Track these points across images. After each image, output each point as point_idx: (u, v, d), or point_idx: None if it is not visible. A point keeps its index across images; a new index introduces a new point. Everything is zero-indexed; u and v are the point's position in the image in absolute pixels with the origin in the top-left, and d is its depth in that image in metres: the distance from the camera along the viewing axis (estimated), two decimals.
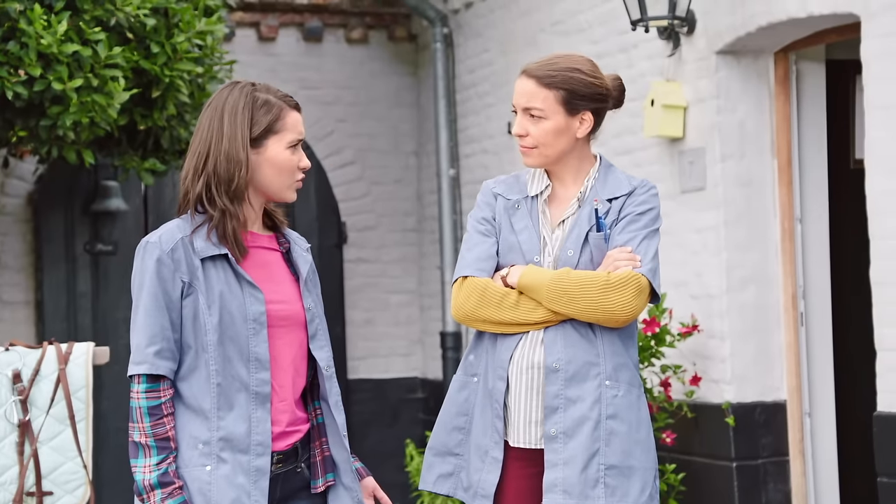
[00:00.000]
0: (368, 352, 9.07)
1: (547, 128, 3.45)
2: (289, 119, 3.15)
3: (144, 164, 6.63)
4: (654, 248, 3.46)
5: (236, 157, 3.10)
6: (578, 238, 3.46)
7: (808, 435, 6.17)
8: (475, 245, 3.55)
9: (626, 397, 3.43)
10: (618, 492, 3.39)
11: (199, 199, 3.12)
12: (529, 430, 3.46)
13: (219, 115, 3.13)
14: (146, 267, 3.08)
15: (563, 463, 3.39)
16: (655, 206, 3.50)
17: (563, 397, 3.41)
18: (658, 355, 6.12)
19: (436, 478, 3.57)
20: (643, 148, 6.60)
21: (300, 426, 3.20)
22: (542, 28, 7.50)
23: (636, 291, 3.39)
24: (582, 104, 3.47)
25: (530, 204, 3.54)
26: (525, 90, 3.47)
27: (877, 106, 5.32)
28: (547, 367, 3.42)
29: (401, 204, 9.15)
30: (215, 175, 3.10)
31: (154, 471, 3.03)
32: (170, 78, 6.20)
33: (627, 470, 3.41)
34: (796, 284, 6.17)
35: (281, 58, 8.88)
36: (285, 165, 3.15)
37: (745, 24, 5.93)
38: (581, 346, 3.42)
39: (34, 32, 5.67)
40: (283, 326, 3.16)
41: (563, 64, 3.48)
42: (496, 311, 3.46)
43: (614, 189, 3.50)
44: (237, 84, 3.18)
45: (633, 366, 3.49)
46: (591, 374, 3.42)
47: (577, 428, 3.39)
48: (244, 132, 3.11)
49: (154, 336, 3.06)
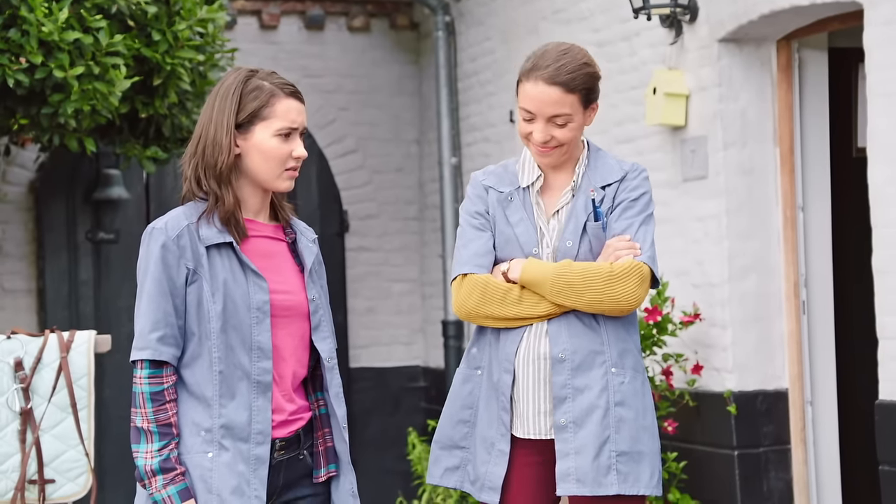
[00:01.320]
0: (370, 340, 9.07)
1: (573, 128, 3.46)
2: (279, 106, 3.12)
3: (146, 153, 6.62)
4: (651, 233, 3.47)
5: (220, 141, 3.09)
6: (577, 228, 3.46)
7: (809, 423, 6.17)
8: (471, 241, 3.54)
9: (631, 384, 3.45)
10: (630, 478, 3.41)
11: (193, 183, 3.12)
12: (539, 420, 3.46)
13: (212, 100, 3.14)
14: (151, 253, 3.08)
15: (575, 452, 3.41)
16: (647, 189, 3.51)
17: (570, 387, 3.42)
18: (660, 344, 6.12)
19: (442, 471, 3.58)
20: (645, 136, 6.60)
21: (302, 414, 3.20)
22: (544, 16, 7.49)
23: (639, 280, 3.40)
24: (594, 96, 3.49)
25: (523, 195, 3.54)
26: (551, 99, 3.41)
27: (879, 94, 5.31)
28: (553, 357, 3.43)
29: (402, 192, 9.15)
30: (203, 159, 3.11)
31: (156, 456, 3.04)
32: (171, 66, 6.19)
33: (637, 455, 3.43)
34: (798, 273, 6.17)
35: (282, 46, 8.87)
36: (272, 153, 3.12)
37: (748, 11, 5.92)
38: (586, 336, 3.44)
39: (35, 20, 5.66)
40: (286, 316, 3.16)
41: (572, 63, 3.44)
42: (499, 307, 3.46)
43: (606, 175, 3.50)
44: (239, 69, 3.18)
45: (637, 351, 3.51)
46: (596, 362, 3.43)
47: (587, 417, 3.41)
48: (230, 117, 3.10)
49: (157, 322, 3.06)
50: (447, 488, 7.27)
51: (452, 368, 8.42)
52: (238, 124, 3.11)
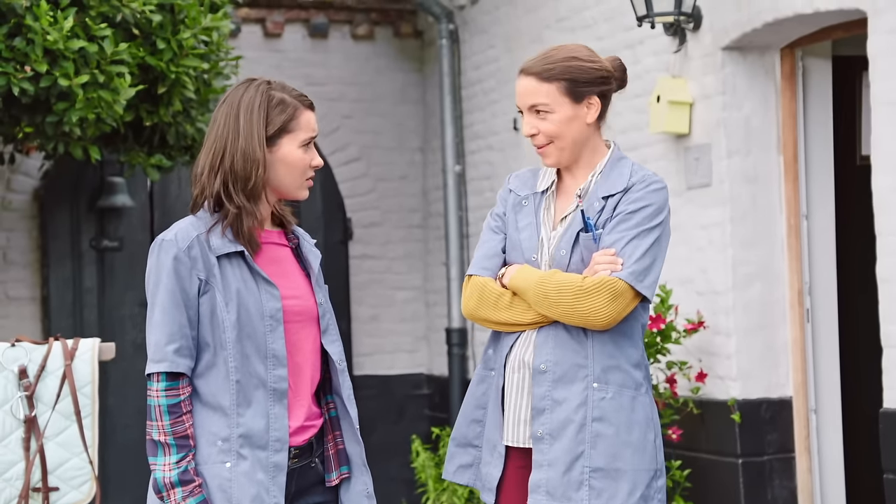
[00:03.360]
0: (374, 348, 9.07)
1: (556, 120, 3.42)
2: (302, 118, 3.16)
3: (150, 161, 6.63)
4: (645, 247, 3.36)
5: (253, 155, 3.10)
6: (570, 238, 3.43)
7: (813, 432, 6.17)
8: (484, 242, 3.56)
9: (615, 399, 3.39)
10: (604, 494, 3.36)
11: (217, 197, 3.12)
12: (518, 428, 3.47)
13: (234, 113, 3.13)
14: (162, 265, 3.08)
15: (548, 464, 3.39)
16: (653, 202, 3.40)
17: (549, 398, 3.41)
18: (664, 352, 6.12)
19: (456, 468, 3.60)
20: (649, 144, 6.60)
21: (315, 421, 3.21)
22: (548, 25, 7.50)
23: (610, 297, 3.32)
24: (586, 89, 3.43)
25: (537, 200, 3.53)
26: (526, 89, 3.44)
27: (883, 102, 5.32)
28: (535, 368, 3.42)
29: (406, 200, 9.15)
30: (232, 173, 3.10)
31: (174, 469, 3.04)
32: (175, 74, 6.20)
33: (615, 472, 3.37)
34: (802, 281, 6.17)
35: (286, 54, 8.88)
36: (298, 164, 3.16)
37: (752, 20, 5.93)
38: (570, 348, 3.40)
39: (40, 28, 5.67)
40: (298, 322, 3.17)
41: (559, 55, 3.45)
42: (493, 311, 3.47)
43: (612, 185, 3.44)
44: (253, 81, 3.18)
45: (632, 366, 3.43)
46: (578, 375, 3.39)
47: (562, 430, 3.39)
48: (260, 131, 3.11)
49: (173, 334, 3.06)
50: (451, 496, 7.28)
51: (456, 376, 8.42)
52: (267, 137, 3.13)
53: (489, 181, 8.27)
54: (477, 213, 8.41)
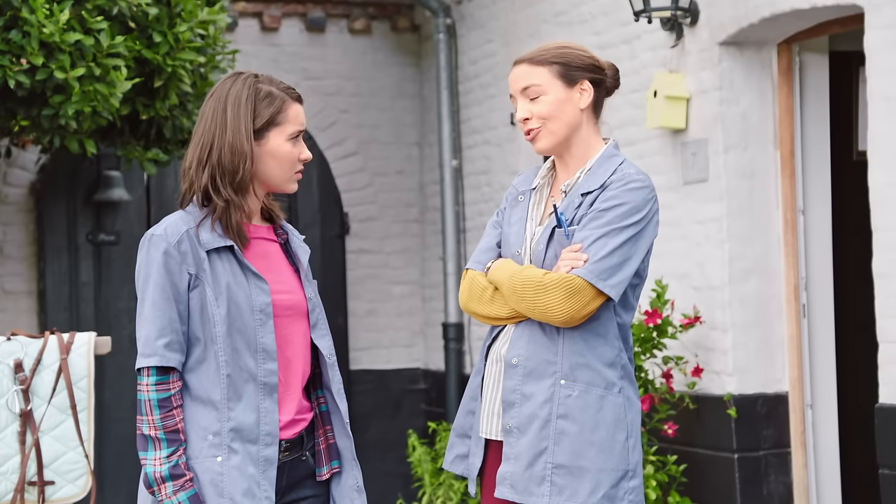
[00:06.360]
0: (370, 343, 9.07)
1: (548, 101, 3.44)
2: (290, 111, 3.16)
3: (147, 154, 6.62)
4: (613, 246, 3.33)
5: (240, 148, 3.10)
6: (548, 234, 3.45)
7: (809, 426, 6.17)
8: (484, 236, 3.61)
9: (581, 398, 3.38)
10: (566, 491, 3.37)
11: (205, 191, 3.12)
12: (492, 421, 3.50)
13: (222, 106, 3.13)
14: (152, 259, 3.08)
15: (514, 458, 3.41)
16: (627, 201, 3.36)
17: (519, 392, 3.42)
18: (660, 346, 6.12)
19: (453, 458, 3.63)
20: (646, 139, 6.60)
21: (305, 415, 3.22)
22: (545, 19, 7.49)
23: (567, 294, 3.31)
24: (578, 74, 3.45)
25: (532, 196, 3.55)
26: (519, 73, 3.48)
27: (880, 97, 5.32)
28: (507, 361, 3.45)
29: (403, 195, 9.15)
30: (220, 166, 3.11)
31: (165, 463, 3.04)
32: (172, 67, 6.20)
33: (577, 470, 3.37)
34: (798, 276, 6.17)
35: (283, 48, 8.88)
36: (286, 157, 3.16)
37: (749, 15, 5.93)
38: (542, 344, 3.41)
39: (36, 21, 5.66)
40: (288, 316, 3.18)
41: (551, 45, 3.51)
42: (478, 304, 3.50)
43: (593, 182, 3.43)
44: (240, 75, 3.19)
45: (604, 365, 3.41)
46: (547, 371, 3.40)
47: (528, 424, 3.40)
48: (247, 124, 3.12)
49: (163, 328, 3.06)
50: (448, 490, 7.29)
51: (453, 371, 8.42)
52: (255, 131, 3.13)
53: (486, 176, 8.27)
54: (473, 208, 8.41)
